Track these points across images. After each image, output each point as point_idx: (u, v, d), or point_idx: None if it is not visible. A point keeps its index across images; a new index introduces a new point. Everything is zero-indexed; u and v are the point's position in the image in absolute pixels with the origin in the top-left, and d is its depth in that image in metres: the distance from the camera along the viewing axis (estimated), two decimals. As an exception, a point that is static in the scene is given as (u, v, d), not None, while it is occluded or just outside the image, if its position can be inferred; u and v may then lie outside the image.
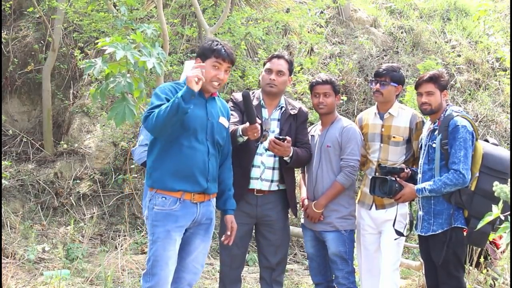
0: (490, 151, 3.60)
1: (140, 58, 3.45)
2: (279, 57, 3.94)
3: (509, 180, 3.34)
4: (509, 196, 2.10)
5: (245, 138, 3.59)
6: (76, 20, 7.97)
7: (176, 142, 3.28)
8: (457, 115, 3.63)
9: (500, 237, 3.90)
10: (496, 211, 2.13)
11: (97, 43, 3.58)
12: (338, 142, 3.91)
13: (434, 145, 3.66)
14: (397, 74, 3.98)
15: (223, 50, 3.35)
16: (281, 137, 3.70)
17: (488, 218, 2.13)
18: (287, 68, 3.92)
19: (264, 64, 4.00)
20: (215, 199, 3.51)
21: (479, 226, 2.30)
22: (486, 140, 3.76)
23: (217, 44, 3.38)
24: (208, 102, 3.44)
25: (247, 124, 3.48)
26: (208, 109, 3.42)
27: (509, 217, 2.24)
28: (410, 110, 4.08)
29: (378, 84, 3.97)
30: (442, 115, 3.72)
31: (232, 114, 3.85)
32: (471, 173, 3.56)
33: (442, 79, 3.74)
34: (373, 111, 4.11)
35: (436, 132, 3.68)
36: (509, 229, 2.09)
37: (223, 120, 3.49)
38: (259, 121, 3.47)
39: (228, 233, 3.50)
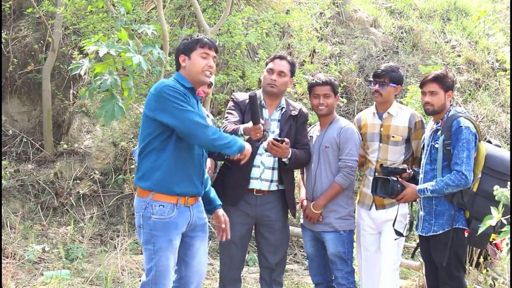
0: (493, 152, 3.60)
1: (125, 54, 3.45)
2: (281, 57, 3.94)
3: (509, 182, 3.35)
4: (509, 199, 2.10)
5: (246, 137, 3.59)
6: (73, 24, 7.96)
7: (176, 145, 3.22)
8: (461, 116, 3.62)
9: (502, 239, 3.91)
10: (496, 214, 2.13)
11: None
12: (336, 143, 3.91)
13: (436, 146, 3.66)
14: (396, 75, 3.97)
15: (205, 39, 3.34)
16: (279, 138, 3.71)
17: (488, 222, 2.13)
18: (289, 69, 3.91)
19: (266, 64, 4.00)
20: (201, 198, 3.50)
21: (480, 230, 2.29)
22: (489, 141, 3.75)
23: (197, 36, 3.36)
24: (198, 102, 3.43)
25: (250, 124, 3.49)
26: (199, 109, 3.40)
27: (509, 220, 2.24)
28: (408, 110, 4.09)
29: (377, 85, 3.97)
30: (445, 115, 3.71)
31: (232, 113, 3.86)
32: (474, 174, 3.55)
33: (447, 80, 3.72)
34: (371, 111, 4.11)
35: (439, 133, 3.67)
36: (509, 233, 2.09)
37: (208, 121, 3.47)
38: (262, 122, 3.48)
39: (223, 226, 3.47)
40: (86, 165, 7.56)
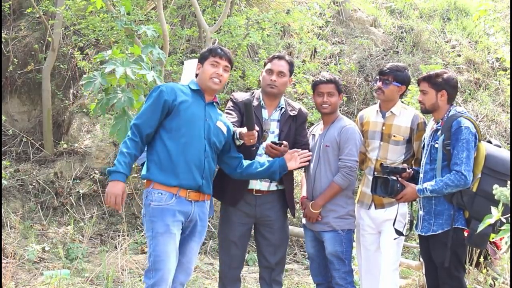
0: (492, 152, 3.59)
1: (139, 72, 3.48)
2: (280, 57, 3.93)
3: (509, 181, 3.34)
4: (509, 199, 2.10)
5: (241, 142, 3.60)
6: (73, 24, 7.95)
7: (174, 138, 3.38)
8: (461, 116, 3.61)
9: (501, 238, 3.91)
10: (495, 213, 2.13)
11: (96, 44, 3.61)
12: (336, 142, 3.89)
13: (436, 145, 3.65)
14: (401, 74, 3.95)
15: (219, 49, 3.58)
16: (277, 141, 3.71)
17: (488, 221, 2.13)
18: (287, 69, 3.91)
19: (265, 64, 3.99)
20: (209, 201, 3.58)
21: (479, 229, 2.30)
22: (489, 141, 3.74)
23: (213, 46, 3.62)
24: (208, 105, 3.55)
25: (245, 129, 3.51)
26: (207, 111, 3.52)
27: (509, 219, 2.24)
28: (412, 111, 4.06)
29: (380, 82, 3.97)
30: (445, 115, 3.69)
31: (230, 113, 3.87)
32: (473, 174, 3.54)
33: (437, 79, 3.70)
34: (375, 109, 4.11)
35: (439, 133, 3.67)
36: (509, 232, 2.08)
37: (220, 124, 3.57)
38: (257, 128, 3.50)
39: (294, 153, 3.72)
40: (86, 164, 7.56)
